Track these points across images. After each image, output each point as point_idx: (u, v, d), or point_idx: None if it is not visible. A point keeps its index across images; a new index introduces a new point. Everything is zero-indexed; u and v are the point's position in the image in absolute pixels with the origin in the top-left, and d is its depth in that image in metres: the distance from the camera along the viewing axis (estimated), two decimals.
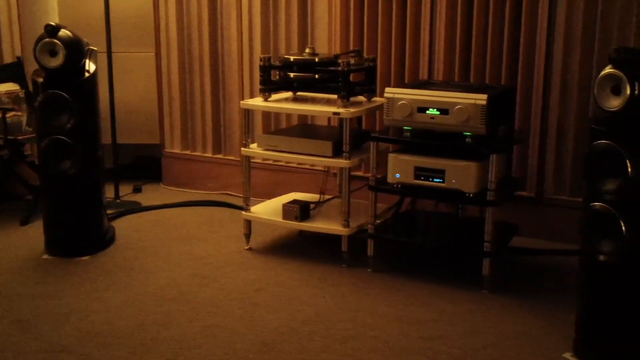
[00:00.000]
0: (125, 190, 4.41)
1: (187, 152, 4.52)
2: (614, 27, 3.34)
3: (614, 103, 2.38)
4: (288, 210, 3.40)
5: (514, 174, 3.64)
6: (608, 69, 2.39)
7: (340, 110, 3.21)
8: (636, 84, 2.33)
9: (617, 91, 2.37)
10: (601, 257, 2.44)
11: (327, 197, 3.66)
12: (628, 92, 2.34)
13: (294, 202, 3.46)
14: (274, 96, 3.47)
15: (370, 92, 3.45)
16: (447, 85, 3.32)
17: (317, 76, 3.33)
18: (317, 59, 3.36)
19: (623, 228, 2.38)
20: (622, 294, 2.45)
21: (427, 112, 3.08)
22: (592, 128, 2.45)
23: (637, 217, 2.38)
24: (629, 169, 2.34)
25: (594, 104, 2.47)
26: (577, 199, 3.38)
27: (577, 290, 2.59)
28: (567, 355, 2.58)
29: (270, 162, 4.17)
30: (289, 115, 4.13)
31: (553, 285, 3.15)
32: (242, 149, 3.46)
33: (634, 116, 2.36)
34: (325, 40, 3.95)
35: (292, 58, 3.39)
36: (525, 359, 2.56)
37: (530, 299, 3.01)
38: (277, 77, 3.48)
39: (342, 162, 3.25)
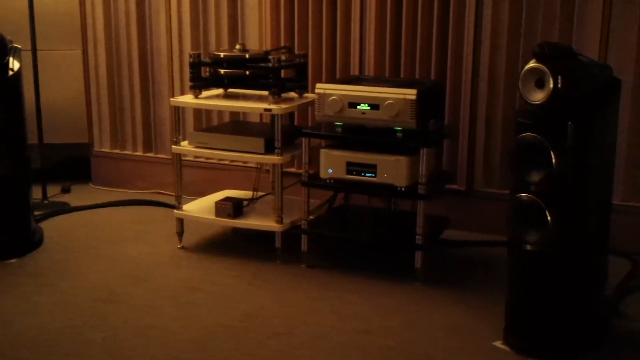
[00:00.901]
0: (54, 190, 4.31)
1: (117, 151, 4.45)
2: (538, 22, 3.44)
3: (538, 96, 2.44)
4: (221, 207, 3.38)
5: (444, 167, 3.70)
6: (532, 63, 2.45)
7: (272, 106, 3.20)
8: (559, 77, 2.40)
9: (540, 85, 2.43)
10: (528, 247, 2.51)
11: (260, 193, 3.65)
12: (551, 85, 2.40)
13: (227, 199, 3.44)
14: (205, 93, 3.44)
15: (302, 88, 3.46)
16: (377, 80, 3.36)
17: (247, 72, 3.32)
18: (247, 55, 3.35)
19: (549, 218, 2.45)
20: (549, 282, 2.52)
21: (358, 107, 3.11)
22: (517, 121, 2.51)
23: (562, 207, 2.45)
24: (554, 161, 2.41)
25: (520, 97, 2.53)
26: (506, 191, 3.45)
27: (506, 279, 2.65)
28: (498, 343, 2.65)
29: (202, 159, 4.14)
30: (220, 112, 4.10)
31: (484, 276, 3.22)
32: (173, 146, 3.43)
33: (557, 109, 2.43)
34: (256, 37, 3.94)
35: (222, 54, 3.37)
36: (457, 349, 2.62)
37: (462, 290, 3.08)
38: (208, 73, 3.45)
39: (274, 159, 3.25)
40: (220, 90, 3.52)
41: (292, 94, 3.44)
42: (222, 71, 3.36)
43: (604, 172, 2.60)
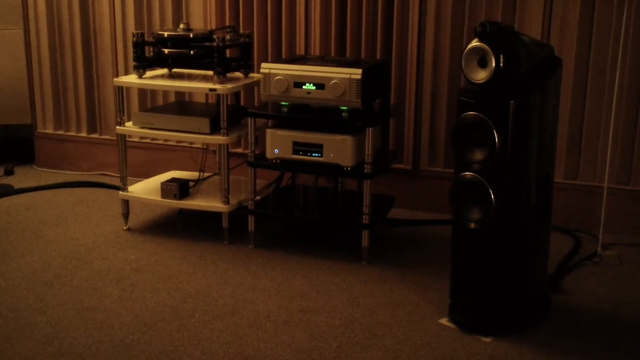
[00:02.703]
0: None
1: (61, 132, 4.34)
2: (482, 2, 3.44)
3: (481, 75, 2.44)
4: (166, 188, 3.33)
5: (390, 147, 3.70)
6: (474, 43, 2.45)
7: (217, 86, 3.15)
8: (501, 56, 2.40)
9: (483, 64, 2.43)
10: (472, 225, 2.52)
11: (206, 174, 3.60)
12: (493, 64, 2.40)
13: (173, 180, 3.38)
14: (149, 73, 3.37)
15: (247, 67, 3.41)
16: (323, 60, 3.32)
17: (192, 52, 3.26)
18: (191, 35, 3.28)
19: (492, 196, 2.46)
20: (491, 259, 2.54)
21: (304, 87, 3.07)
22: (460, 100, 2.51)
23: (504, 185, 2.46)
24: (496, 139, 2.42)
25: (464, 76, 2.52)
26: (451, 170, 3.46)
27: (450, 257, 2.66)
28: (443, 320, 2.66)
29: (148, 140, 4.06)
30: (166, 93, 4.03)
31: (429, 254, 3.23)
32: (117, 127, 3.35)
33: (500, 88, 2.44)
34: (201, 16, 3.87)
35: (165, 34, 3.30)
36: (402, 327, 2.62)
37: (408, 268, 3.08)
38: (152, 53, 3.37)
39: (219, 139, 3.21)
40: (164, 70, 3.46)
41: (238, 74, 3.39)
42: (166, 51, 3.29)
43: (545, 150, 2.62)
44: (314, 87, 3.06)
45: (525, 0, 3.39)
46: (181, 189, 3.33)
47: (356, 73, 3.01)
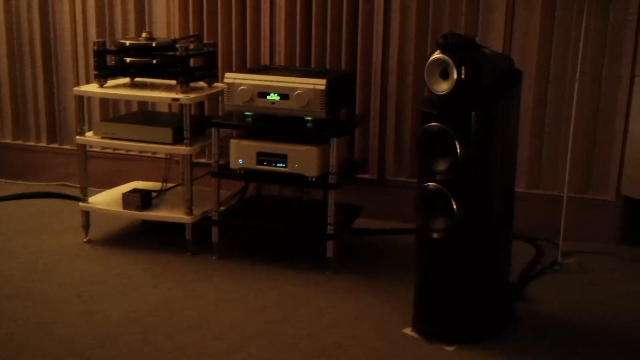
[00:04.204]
0: None
1: (20, 142, 4.30)
2: (445, 13, 3.51)
3: (443, 87, 2.49)
4: (128, 199, 3.32)
5: (356, 156, 3.74)
6: (436, 54, 2.49)
7: (180, 96, 3.16)
8: (463, 68, 2.45)
9: (445, 75, 2.48)
10: (435, 235, 2.56)
11: (170, 185, 3.60)
12: (455, 76, 2.45)
13: (135, 191, 3.38)
14: (111, 82, 3.37)
15: (211, 77, 3.43)
16: (287, 70, 3.35)
17: (154, 61, 3.26)
18: (154, 44, 3.29)
19: (454, 206, 2.51)
20: (455, 268, 2.58)
21: (268, 97, 3.10)
22: (423, 111, 2.55)
23: (467, 195, 2.51)
24: (458, 150, 2.47)
25: (427, 87, 2.57)
26: (416, 180, 3.51)
27: (415, 266, 2.70)
28: (407, 330, 2.70)
29: (110, 150, 4.05)
30: (128, 102, 4.02)
31: (395, 264, 3.27)
32: (77, 137, 3.34)
33: (461, 99, 2.49)
34: (164, 25, 3.88)
35: (127, 42, 3.30)
36: (367, 337, 2.65)
37: (373, 278, 3.12)
38: (113, 62, 3.37)
39: (182, 149, 3.21)
40: (127, 80, 3.45)
41: (201, 83, 3.41)
42: (128, 60, 3.29)
43: (507, 160, 2.68)
44: (278, 97, 3.09)
45: (487, 13, 3.46)
46: (143, 199, 3.33)
47: (320, 83, 3.04)
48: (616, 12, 3.32)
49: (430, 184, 2.54)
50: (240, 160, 3.17)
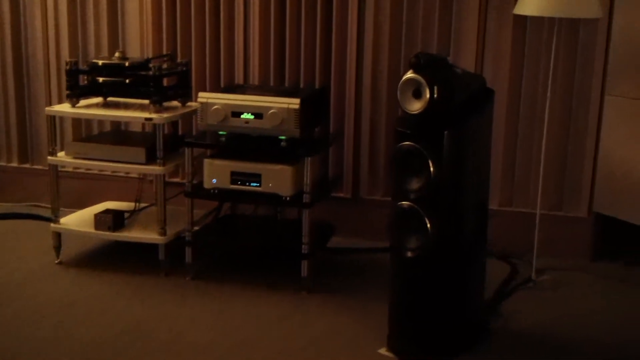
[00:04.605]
0: None
1: None
2: (418, 33, 3.54)
3: (416, 106, 2.51)
4: (100, 220, 3.29)
5: (330, 175, 3.74)
6: (409, 74, 2.51)
7: (153, 115, 3.15)
8: (435, 87, 2.47)
9: (418, 95, 2.50)
10: (409, 254, 2.57)
11: (143, 204, 3.58)
12: (428, 95, 2.47)
13: (107, 211, 3.35)
14: (83, 102, 3.35)
15: (185, 96, 3.42)
16: (261, 89, 3.36)
17: (127, 81, 3.25)
18: (127, 63, 3.28)
19: (428, 225, 2.52)
20: (429, 286, 2.59)
21: (242, 116, 3.10)
22: (396, 130, 2.57)
23: (440, 214, 2.52)
24: (431, 169, 2.48)
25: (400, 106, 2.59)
26: (390, 198, 3.53)
27: (389, 283, 2.70)
28: (382, 350, 2.69)
29: (83, 170, 4.01)
30: (101, 122, 4.00)
31: (369, 283, 3.27)
32: (49, 157, 3.32)
33: (434, 118, 2.50)
34: (138, 44, 3.87)
35: (100, 62, 3.28)
36: (342, 357, 2.64)
37: (348, 298, 3.11)
38: (86, 81, 3.36)
39: (155, 169, 3.20)
40: (99, 99, 3.43)
41: (175, 103, 3.40)
42: (100, 79, 3.28)
43: (480, 178, 2.70)
44: (252, 117, 3.09)
45: (459, 33, 3.50)
46: (115, 220, 3.31)
47: (294, 103, 3.05)
48: (586, 31, 3.38)
49: (403, 202, 2.55)
50: (214, 180, 3.16)
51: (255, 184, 3.12)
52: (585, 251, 3.53)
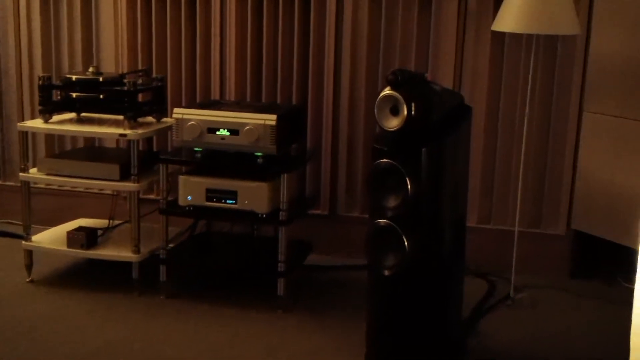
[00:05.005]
0: None
1: None
2: (396, 49, 3.54)
3: (393, 123, 2.49)
4: (73, 237, 3.25)
5: (307, 192, 3.72)
6: (386, 91, 2.50)
7: (127, 131, 3.12)
8: (413, 104, 2.46)
9: (395, 112, 2.48)
10: (386, 272, 2.55)
11: (117, 222, 3.54)
12: (405, 112, 2.46)
13: (80, 228, 3.31)
14: (56, 117, 3.31)
15: (160, 112, 3.39)
16: (238, 105, 3.34)
17: (101, 96, 3.22)
18: (101, 79, 3.25)
19: (405, 242, 2.50)
20: (407, 304, 2.57)
21: (218, 132, 3.08)
22: (373, 147, 2.55)
23: (418, 231, 2.51)
24: (409, 186, 2.47)
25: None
26: (367, 215, 3.51)
27: (366, 302, 2.68)
28: None
29: (55, 187, 3.96)
30: (75, 138, 3.95)
31: (347, 301, 3.25)
32: (21, 174, 3.28)
33: (412, 135, 2.49)
34: (112, 60, 3.84)
35: (74, 77, 3.25)
36: None
37: (325, 316, 3.09)
38: (59, 97, 3.32)
39: (129, 186, 3.16)
40: (73, 115, 3.39)
41: (150, 119, 3.37)
42: (74, 95, 3.24)
43: (457, 195, 2.69)
44: (228, 133, 3.07)
45: (437, 49, 3.50)
46: (89, 237, 3.26)
47: (271, 119, 3.03)
48: (563, 48, 3.40)
49: (381, 220, 2.53)
50: (189, 197, 3.13)
51: (231, 201, 3.09)
52: (564, 268, 3.53)
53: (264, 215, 3.08)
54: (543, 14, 2.97)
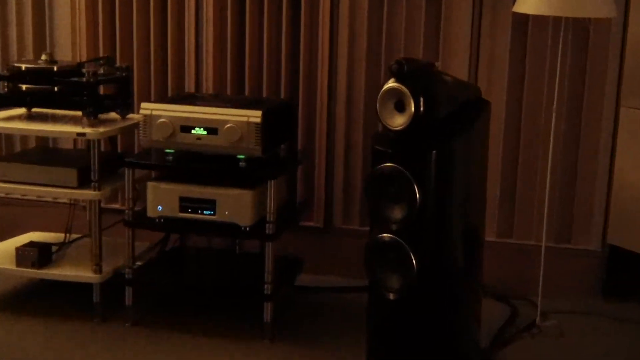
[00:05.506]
0: None
1: None
2: (401, 34, 3.56)
3: (398, 121, 2.51)
4: (23, 254, 3.26)
5: (298, 200, 3.74)
6: (390, 83, 2.52)
7: (86, 130, 3.14)
8: (421, 99, 2.48)
9: (400, 108, 2.50)
10: (390, 295, 2.56)
11: (74, 236, 3.55)
12: (412, 108, 2.48)
13: (31, 244, 3.33)
14: (3, 113, 3.33)
15: (125, 107, 3.41)
16: (216, 99, 3.36)
17: (56, 89, 3.24)
18: (55, 68, 3.26)
19: (413, 261, 2.51)
20: (414, 332, 2.59)
21: (193, 131, 3.09)
22: (375, 149, 2.57)
23: (427, 248, 2.53)
24: (417, 195, 2.48)
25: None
26: (367, 228, 3.53)
27: (366, 330, 2.70)
28: None
29: (2, 195, 3.97)
30: (25, 138, 3.97)
31: (342, 327, 3.26)
32: None
33: (420, 135, 2.51)
34: (69, 46, 3.86)
35: (23, 66, 3.27)
36: None
37: (318, 346, 3.11)
38: (6, 89, 3.33)
39: (89, 194, 3.18)
40: (22, 110, 3.41)
41: (113, 115, 3.38)
42: (23, 87, 3.26)
43: (473, 206, 2.72)
44: (205, 132, 3.08)
45: (449, 35, 3.53)
46: (41, 254, 3.28)
47: (255, 115, 3.05)
48: (597, 33, 3.42)
49: (384, 234, 2.55)
50: (160, 207, 3.14)
51: (208, 212, 3.11)
52: (598, 289, 3.56)
53: (248, 228, 3.09)
54: None
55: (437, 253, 2.55)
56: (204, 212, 3.12)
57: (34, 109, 3.40)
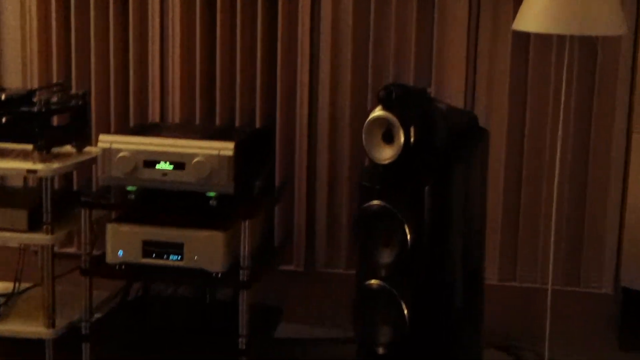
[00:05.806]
0: None
1: None
2: (389, 57, 3.56)
3: (387, 154, 2.51)
4: None
5: (276, 241, 3.72)
6: (377, 112, 2.51)
7: (38, 166, 3.11)
8: (411, 129, 2.47)
9: (389, 138, 2.50)
10: (380, 350, 2.54)
11: (25, 285, 3.51)
12: (402, 139, 2.47)
13: None
14: None
15: (82, 140, 3.38)
16: (184, 129, 3.37)
17: (4, 120, 3.20)
18: (3, 96, 3.24)
19: (405, 311, 2.49)
20: None
21: (157, 166, 3.08)
22: (361, 185, 2.56)
23: (420, 295, 2.51)
24: (408, 236, 2.47)
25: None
26: (354, 272, 3.51)
27: None
28: None
29: None
30: None
31: None
32: None
33: (411, 169, 2.50)
34: (19, 71, 3.85)
35: None
36: None
37: None
38: None
39: (41, 238, 3.15)
40: None
41: (68, 148, 3.36)
42: None
43: (472, 246, 2.71)
44: (171, 167, 3.07)
45: (443, 56, 3.53)
46: None
47: (227, 147, 3.04)
48: (605, 52, 3.43)
49: (372, 281, 2.54)
50: (121, 252, 3.12)
51: (175, 257, 3.09)
52: (612, 338, 3.54)
53: (219, 275, 3.07)
54: (579, 10, 2.99)
55: (432, 301, 2.55)
56: (170, 257, 3.10)
57: None
